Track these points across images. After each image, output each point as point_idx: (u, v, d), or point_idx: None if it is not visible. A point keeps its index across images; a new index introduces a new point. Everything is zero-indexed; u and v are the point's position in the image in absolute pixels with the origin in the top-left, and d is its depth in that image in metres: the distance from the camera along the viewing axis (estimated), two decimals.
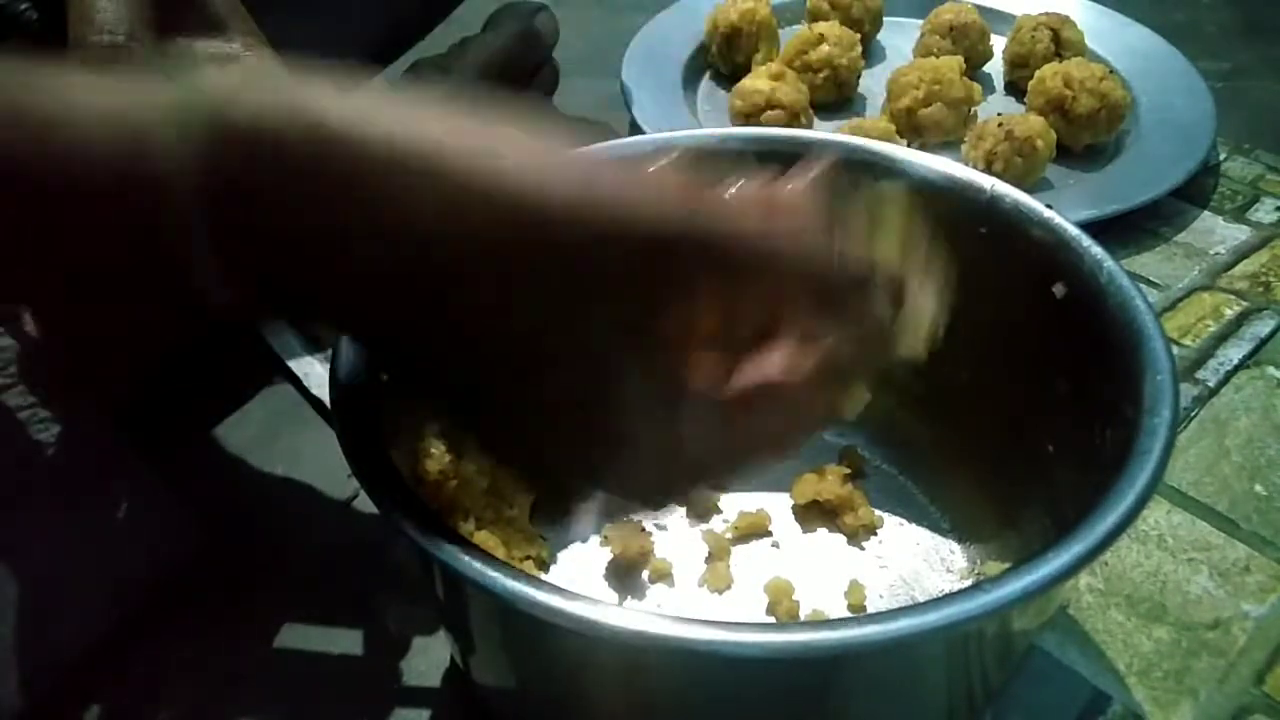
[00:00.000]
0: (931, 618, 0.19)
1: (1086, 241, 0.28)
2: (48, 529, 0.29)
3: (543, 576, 0.31)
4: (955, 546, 0.32)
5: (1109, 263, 0.27)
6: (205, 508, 0.33)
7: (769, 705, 0.22)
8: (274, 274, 0.19)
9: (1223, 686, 0.30)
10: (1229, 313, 0.44)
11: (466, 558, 0.20)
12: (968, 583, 0.31)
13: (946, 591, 0.31)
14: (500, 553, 0.29)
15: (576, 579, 0.32)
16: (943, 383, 0.33)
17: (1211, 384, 0.41)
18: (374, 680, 0.31)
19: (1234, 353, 0.42)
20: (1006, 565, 0.20)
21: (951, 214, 0.31)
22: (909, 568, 0.32)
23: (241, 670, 0.31)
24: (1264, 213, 0.50)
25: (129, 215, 0.18)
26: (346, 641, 0.32)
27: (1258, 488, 0.36)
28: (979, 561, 0.32)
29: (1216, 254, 0.47)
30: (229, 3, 0.27)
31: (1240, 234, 0.49)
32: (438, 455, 0.28)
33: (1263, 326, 0.43)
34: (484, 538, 0.30)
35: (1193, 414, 0.39)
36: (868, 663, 0.21)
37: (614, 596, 0.32)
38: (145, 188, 0.18)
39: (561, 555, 0.33)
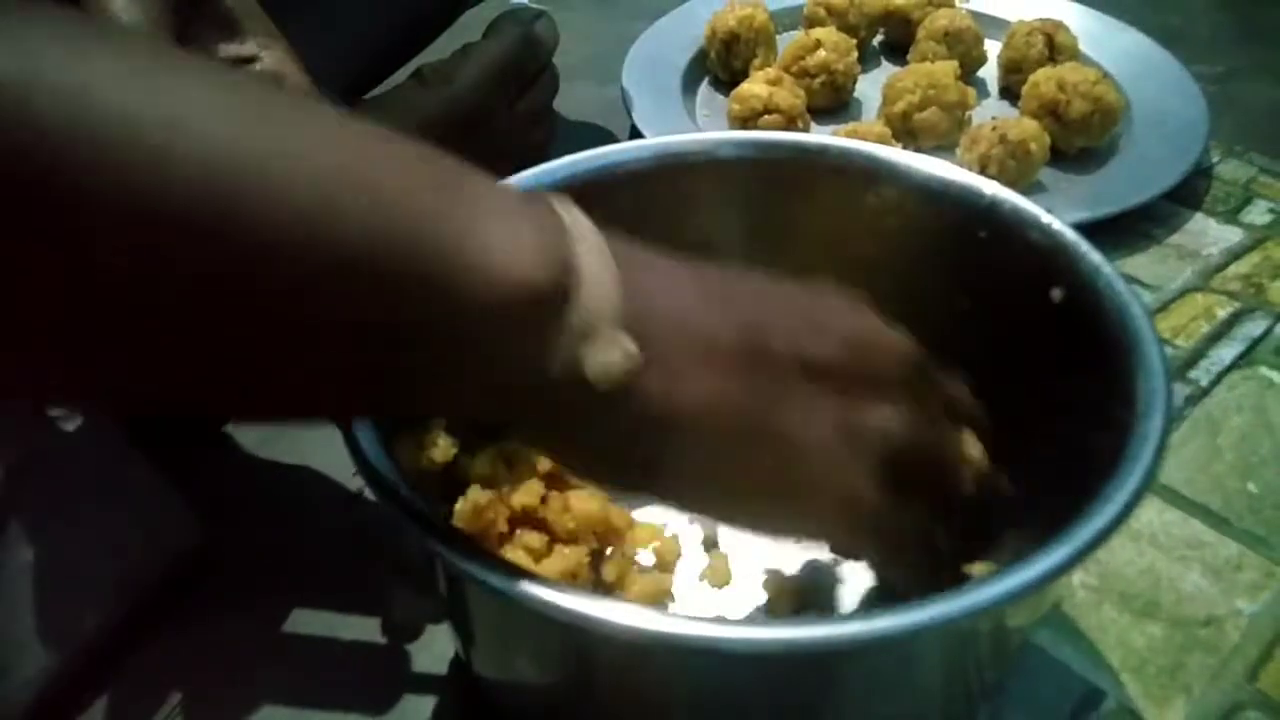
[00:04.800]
0: (918, 617, 0.19)
1: (1085, 247, 0.28)
2: (61, 524, 0.30)
3: None
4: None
5: (1106, 268, 0.27)
6: (212, 504, 0.33)
7: (764, 700, 0.23)
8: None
9: (1216, 683, 0.30)
10: (1221, 313, 0.44)
11: (467, 553, 0.21)
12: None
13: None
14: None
15: None
16: None
17: (1204, 384, 0.41)
18: (381, 669, 0.31)
19: (1226, 353, 0.42)
20: (993, 566, 0.21)
21: (951, 218, 0.31)
22: None
23: (249, 661, 0.31)
24: (1256, 214, 0.51)
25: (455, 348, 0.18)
26: (354, 631, 0.32)
27: (1250, 486, 0.37)
28: (974, 561, 0.32)
29: (1209, 255, 0.48)
30: (244, 3, 0.27)
31: (1232, 235, 0.49)
32: (443, 447, 0.29)
33: (1254, 327, 0.44)
34: None
35: (1185, 413, 0.40)
36: (860, 660, 0.21)
37: None
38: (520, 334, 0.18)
39: None
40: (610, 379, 0.19)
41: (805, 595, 0.31)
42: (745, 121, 0.52)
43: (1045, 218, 0.29)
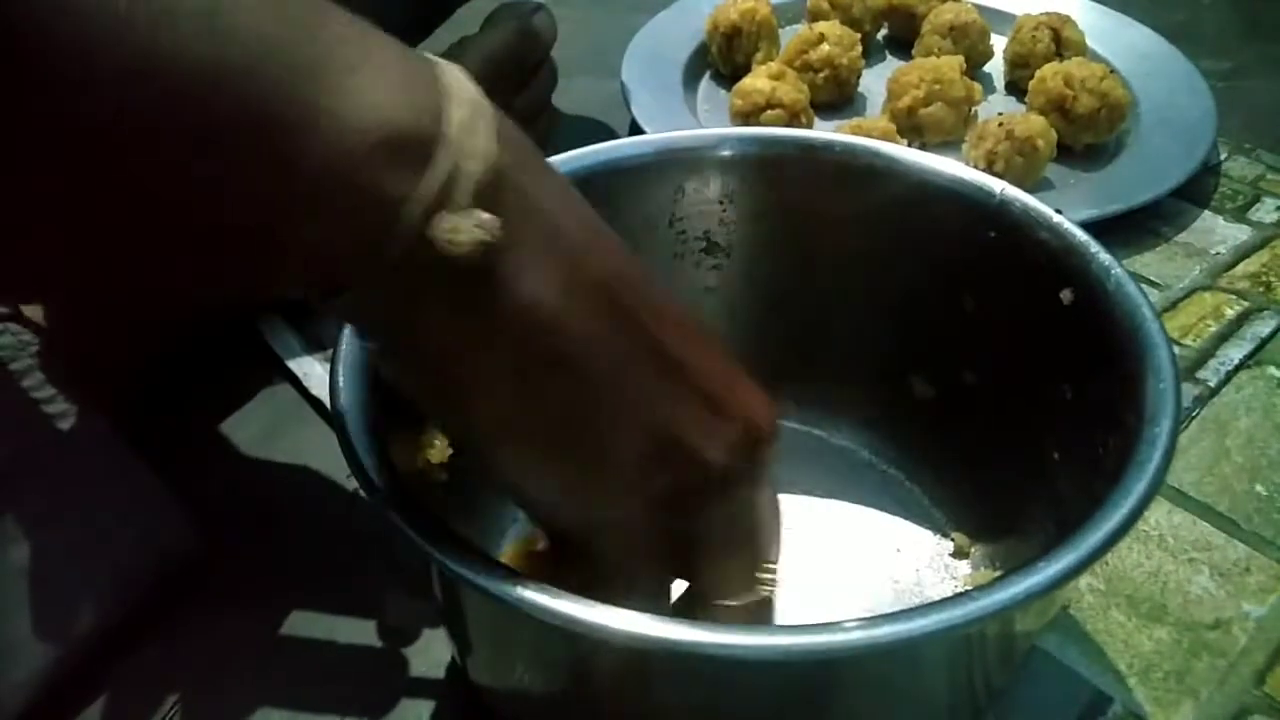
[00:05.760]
0: (924, 623, 0.19)
1: (1095, 247, 0.27)
2: (54, 524, 0.29)
3: None
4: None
5: (1116, 269, 0.27)
6: (207, 506, 0.33)
7: (765, 708, 0.22)
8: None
9: (1223, 687, 0.30)
10: (1230, 312, 0.44)
11: (461, 557, 0.20)
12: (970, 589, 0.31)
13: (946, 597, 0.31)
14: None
15: None
16: (948, 386, 0.33)
17: (1212, 384, 0.41)
18: (378, 674, 0.31)
19: (1235, 352, 0.42)
20: (997, 573, 0.20)
21: (959, 217, 0.31)
22: (911, 572, 0.32)
23: (244, 664, 0.31)
24: (1265, 212, 0.50)
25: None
26: (350, 635, 0.32)
27: (1258, 488, 0.36)
28: (981, 567, 0.32)
29: (1217, 254, 0.47)
30: None
31: (1241, 234, 0.49)
32: (439, 448, 0.28)
33: (1263, 326, 0.43)
34: None
35: (1194, 414, 0.39)
36: (864, 666, 0.21)
37: None
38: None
39: None
40: (458, 246, 0.17)
41: None
42: (747, 117, 0.52)
43: (1055, 218, 0.29)
